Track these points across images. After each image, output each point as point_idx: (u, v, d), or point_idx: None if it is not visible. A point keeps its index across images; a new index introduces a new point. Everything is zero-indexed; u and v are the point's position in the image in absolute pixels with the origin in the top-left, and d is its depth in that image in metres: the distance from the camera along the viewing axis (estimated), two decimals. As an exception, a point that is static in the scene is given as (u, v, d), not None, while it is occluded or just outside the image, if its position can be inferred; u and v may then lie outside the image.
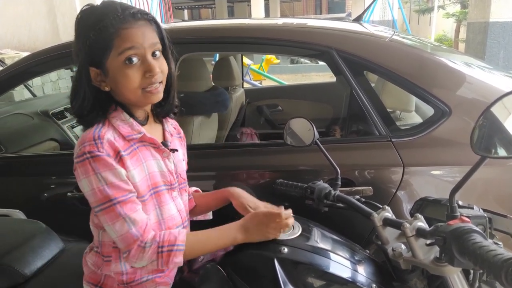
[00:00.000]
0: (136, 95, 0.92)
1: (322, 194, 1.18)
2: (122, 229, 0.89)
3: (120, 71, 0.89)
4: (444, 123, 1.43)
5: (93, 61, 0.90)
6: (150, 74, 0.90)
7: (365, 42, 1.59)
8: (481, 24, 5.72)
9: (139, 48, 0.89)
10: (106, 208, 0.88)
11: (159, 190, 1.00)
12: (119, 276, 0.99)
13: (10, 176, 1.71)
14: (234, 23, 2.04)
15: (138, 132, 0.96)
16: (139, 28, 0.89)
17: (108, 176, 0.88)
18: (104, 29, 0.87)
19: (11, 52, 6.32)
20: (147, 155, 0.99)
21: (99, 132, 0.90)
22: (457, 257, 0.74)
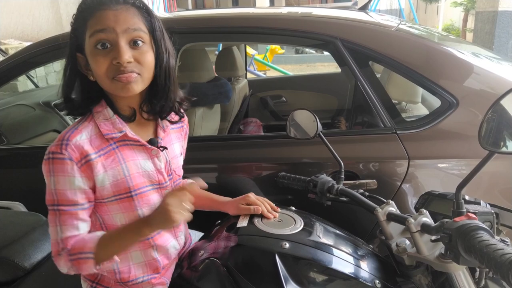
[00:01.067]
0: (105, 84, 0.87)
1: (325, 187, 1.16)
2: (53, 235, 0.89)
3: (91, 56, 0.85)
4: (451, 115, 1.40)
5: (80, 46, 0.87)
6: (116, 61, 0.83)
7: (371, 32, 1.55)
8: (490, 13, 5.61)
9: (111, 32, 0.83)
10: (50, 210, 0.88)
11: (143, 191, 0.95)
12: (113, 274, 0.98)
13: (11, 168, 1.70)
14: (237, 13, 2.01)
15: (119, 131, 0.91)
16: (116, 11, 0.84)
17: (59, 181, 0.86)
18: (83, 10, 0.85)
19: (15, 42, 6.31)
20: (129, 154, 0.93)
21: (74, 130, 0.88)
22: (462, 255, 0.72)
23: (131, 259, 0.98)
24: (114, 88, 0.87)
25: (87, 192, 0.89)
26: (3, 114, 2.28)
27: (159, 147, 0.97)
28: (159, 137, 0.99)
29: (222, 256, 0.94)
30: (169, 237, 1.03)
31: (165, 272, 1.03)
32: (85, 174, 0.88)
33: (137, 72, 0.86)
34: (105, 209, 0.93)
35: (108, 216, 0.94)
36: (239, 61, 2.72)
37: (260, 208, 1.04)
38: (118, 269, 0.97)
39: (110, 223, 0.95)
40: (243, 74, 2.95)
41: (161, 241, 1.00)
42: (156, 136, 0.99)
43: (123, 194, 0.92)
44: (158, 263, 1.00)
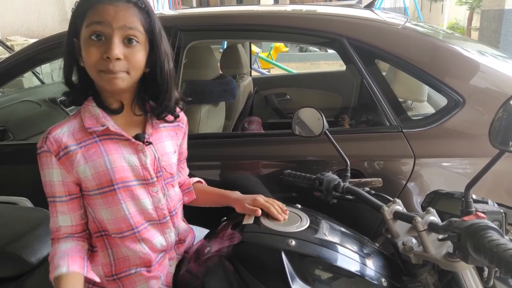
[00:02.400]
0: (93, 74, 0.89)
1: (331, 185, 1.16)
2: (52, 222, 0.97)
3: (84, 45, 0.88)
4: (457, 114, 1.40)
5: (76, 32, 0.90)
6: (105, 55, 0.85)
7: (377, 30, 1.54)
8: (496, 11, 5.57)
9: (106, 26, 0.85)
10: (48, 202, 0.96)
11: (128, 186, 0.96)
12: (108, 267, 0.99)
13: (18, 164, 1.71)
14: (243, 10, 2.00)
15: (101, 125, 0.93)
16: (116, 7, 0.86)
17: (44, 174, 0.94)
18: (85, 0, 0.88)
19: (20, 39, 6.34)
20: (113, 148, 0.95)
21: (54, 126, 0.94)
22: (471, 254, 0.71)
23: (126, 252, 1.00)
24: (100, 80, 0.89)
25: (67, 185, 0.93)
26: (9, 110, 2.29)
27: (145, 143, 0.98)
28: (146, 132, 0.99)
29: (228, 253, 0.94)
30: (155, 232, 1.03)
31: (158, 267, 1.04)
32: (63, 166, 0.92)
33: (124, 71, 0.88)
34: (93, 202, 0.96)
35: (96, 209, 0.97)
36: (244, 59, 2.71)
37: (259, 212, 1.03)
38: (114, 260, 1.00)
39: (99, 217, 0.98)
40: (247, 72, 2.95)
41: (147, 235, 1.01)
42: (144, 131, 1.00)
43: (106, 187, 0.94)
44: (150, 256, 1.01)
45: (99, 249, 1.00)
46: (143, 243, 1.00)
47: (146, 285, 1.01)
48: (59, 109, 2.45)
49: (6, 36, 6.44)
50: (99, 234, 0.99)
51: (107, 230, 0.98)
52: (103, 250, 1.00)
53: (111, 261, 1.00)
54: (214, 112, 2.16)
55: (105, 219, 0.96)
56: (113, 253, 0.99)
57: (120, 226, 0.97)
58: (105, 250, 1.00)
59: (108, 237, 0.99)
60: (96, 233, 0.99)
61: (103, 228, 0.99)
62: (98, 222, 0.98)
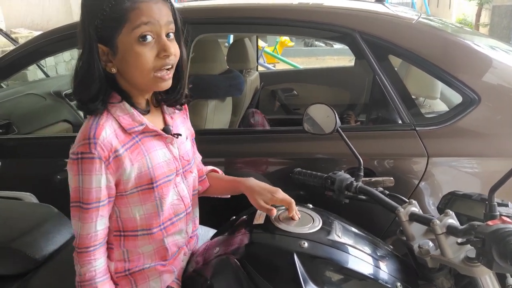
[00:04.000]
0: (146, 78, 0.87)
1: (343, 185, 1.13)
2: (74, 226, 0.90)
3: (131, 49, 0.83)
4: (472, 112, 1.36)
5: (102, 37, 0.83)
6: (165, 53, 0.85)
7: (391, 24, 1.51)
8: (508, 7, 5.50)
9: (155, 25, 0.83)
10: (74, 205, 0.88)
11: (164, 181, 0.95)
12: (121, 263, 0.97)
13: (22, 158, 1.69)
14: (251, 3, 1.96)
15: (140, 124, 0.91)
16: (156, 3, 0.84)
17: (86, 180, 0.85)
18: (120, 1, 0.81)
19: (25, 31, 6.32)
20: (151, 146, 0.94)
21: (96, 127, 0.85)
22: (496, 261, 0.68)
23: (141, 250, 0.98)
24: (152, 83, 0.88)
25: (110, 188, 0.89)
26: (14, 104, 2.27)
27: (173, 135, 0.98)
28: (169, 125, 1.00)
29: (238, 253, 0.92)
30: (181, 225, 1.02)
31: (173, 261, 1.02)
32: (110, 171, 0.87)
33: (171, 66, 0.89)
34: (125, 201, 0.93)
35: (126, 208, 0.94)
36: (251, 53, 2.67)
37: (274, 212, 0.98)
38: (128, 258, 0.98)
39: (127, 217, 0.95)
40: (254, 67, 2.91)
41: (173, 230, 1.00)
42: (165, 124, 1.00)
43: (145, 185, 0.92)
44: (167, 251, 1.00)
45: (115, 247, 0.97)
46: (167, 240, 0.99)
47: (160, 279, 1.00)
48: (64, 103, 2.43)
49: (11, 28, 6.42)
50: (118, 233, 0.96)
51: (133, 229, 0.96)
52: (118, 249, 0.97)
53: (125, 258, 0.98)
54: (221, 108, 2.13)
55: (136, 216, 0.94)
56: (128, 252, 0.98)
57: (150, 223, 0.96)
58: (120, 248, 0.97)
59: (125, 238, 0.96)
60: (115, 231, 0.96)
61: (124, 229, 0.96)
62: (122, 222, 0.95)
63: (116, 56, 0.85)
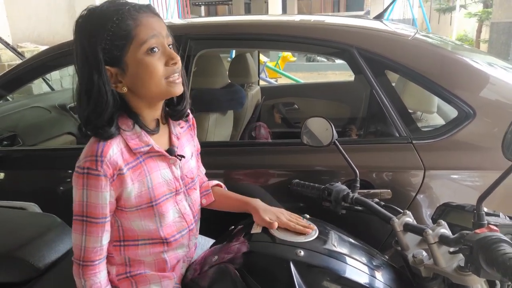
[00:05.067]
0: (160, 86, 0.89)
1: (340, 196, 1.15)
2: (76, 240, 0.91)
3: (142, 63, 0.86)
4: (468, 126, 1.39)
5: (109, 59, 0.85)
6: (173, 61, 0.89)
7: (388, 41, 1.55)
8: (506, 24, 5.56)
9: (159, 37, 0.87)
10: (77, 219, 0.90)
11: (162, 200, 0.97)
12: (123, 267, 1.00)
13: (27, 169, 1.72)
14: (252, 19, 2.02)
15: (146, 144, 0.93)
16: (153, 17, 0.88)
17: (91, 196, 0.87)
18: (122, 20, 0.83)
19: (31, 45, 6.43)
20: (153, 166, 0.96)
21: (104, 144, 0.87)
22: (484, 268, 0.70)
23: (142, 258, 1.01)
24: (167, 89, 0.90)
25: (112, 204, 0.92)
26: (19, 116, 2.31)
27: (177, 156, 1.00)
28: (174, 146, 1.01)
29: (236, 262, 0.94)
30: (185, 241, 1.05)
31: (172, 269, 1.05)
32: (114, 188, 0.90)
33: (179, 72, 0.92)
34: (125, 215, 0.96)
35: (127, 221, 0.97)
36: (252, 68, 2.72)
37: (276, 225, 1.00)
38: (129, 263, 1.00)
39: (128, 227, 0.97)
40: (256, 81, 2.96)
41: (174, 246, 1.02)
42: (171, 144, 1.01)
43: (145, 204, 0.95)
44: (166, 263, 1.02)
45: (115, 255, 1.00)
46: (166, 253, 1.02)
47: (160, 284, 1.02)
48: (68, 115, 2.47)
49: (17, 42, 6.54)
50: (118, 243, 0.99)
51: (134, 239, 0.98)
52: (119, 256, 1.00)
53: (126, 262, 1.00)
54: (222, 121, 2.17)
55: (136, 228, 0.97)
56: (129, 259, 1.00)
57: (151, 235, 0.98)
58: (120, 255, 1.00)
59: (125, 248, 0.99)
60: (116, 241, 0.98)
61: (125, 238, 0.98)
62: (123, 231, 0.98)
63: (126, 74, 0.87)
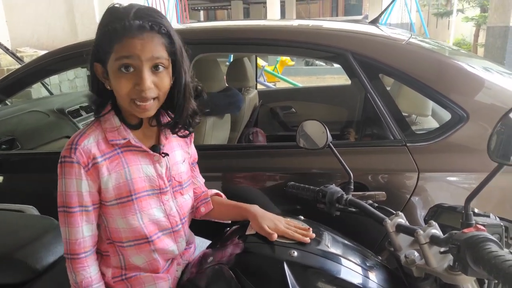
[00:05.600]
0: (125, 103, 0.92)
1: (334, 198, 1.17)
2: (63, 234, 0.96)
3: (114, 76, 0.90)
4: (461, 129, 1.40)
5: (99, 58, 0.92)
6: (138, 87, 0.89)
7: (382, 45, 1.57)
8: (501, 28, 5.61)
9: (135, 60, 0.88)
10: (60, 211, 0.95)
11: (143, 195, 0.99)
12: (118, 269, 1.01)
13: (25, 173, 1.74)
14: (248, 24, 2.04)
15: (123, 138, 0.96)
16: (142, 39, 0.87)
17: (68, 184, 0.92)
18: (111, 32, 0.87)
19: (30, 50, 6.45)
20: (133, 160, 0.98)
21: (81, 135, 0.94)
22: (471, 266, 0.72)
23: (133, 260, 1.02)
24: (131, 110, 0.93)
25: (93, 195, 0.95)
26: (18, 120, 2.33)
27: (161, 154, 1.02)
28: (161, 144, 1.03)
29: (231, 263, 0.95)
30: (169, 242, 1.06)
31: (167, 271, 1.07)
32: (91, 178, 0.93)
33: (154, 97, 0.92)
34: (109, 211, 0.98)
35: (111, 219, 0.99)
36: (249, 72, 2.75)
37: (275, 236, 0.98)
38: (125, 265, 1.02)
39: (113, 226, 0.99)
40: (253, 85, 2.98)
41: (161, 245, 1.03)
42: (158, 142, 1.04)
43: (124, 197, 0.97)
44: (158, 263, 1.04)
45: (111, 254, 1.02)
46: (156, 253, 1.03)
47: (155, 286, 1.03)
48: (67, 120, 2.48)
49: (17, 47, 6.57)
50: (109, 241, 1.02)
51: (119, 240, 1.00)
52: (115, 256, 1.02)
53: (121, 265, 1.02)
54: (220, 124, 2.19)
55: (120, 228, 0.99)
56: (125, 259, 1.02)
57: (135, 235, 1.00)
58: (117, 255, 1.02)
59: (118, 246, 1.01)
60: (107, 240, 1.02)
61: (113, 239, 1.01)
62: (110, 232, 1.00)
63: (107, 77, 0.93)
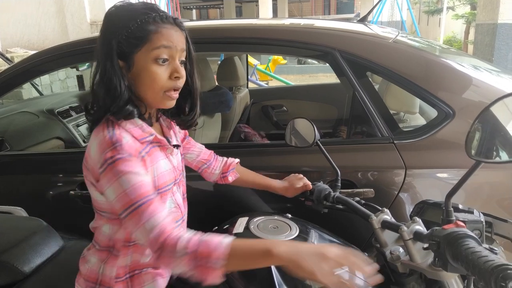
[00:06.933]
0: (156, 96, 0.93)
1: (321, 195, 1.18)
2: (143, 235, 0.84)
3: (147, 68, 0.90)
4: (447, 126, 1.42)
5: (121, 52, 0.90)
6: (177, 75, 0.92)
7: (368, 43, 1.58)
8: (490, 25, 5.65)
9: (172, 49, 0.91)
10: (129, 213, 0.84)
11: (165, 190, 0.99)
12: (123, 269, 1.00)
13: (15, 174, 1.73)
14: (237, 23, 2.04)
15: (150, 134, 0.96)
16: (175, 31, 0.92)
17: (130, 179, 0.84)
18: (145, 22, 0.89)
19: (20, 51, 6.40)
20: (156, 156, 0.98)
21: (113, 135, 0.87)
22: (450, 262, 0.73)
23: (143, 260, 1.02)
24: (160, 101, 0.95)
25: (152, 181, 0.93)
26: (7, 121, 2.31)
27: (173, 146, 1.05)
28: (168, 136, 1.06)
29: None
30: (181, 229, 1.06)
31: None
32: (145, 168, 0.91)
33: (179, 88, 0.96)
34: None
35: None
36: (240, 71, 2.75)
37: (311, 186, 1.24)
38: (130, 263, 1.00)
39: None
40: (244, 84, 2.98)
41: None
42: (164, 135, 1.06)
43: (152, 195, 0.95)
44: None
45: (122, 255, 0.99)
46: None
47: (153, 284, 1.03)
48: (57, 120, 2.47)
49: (7, 48, 6.52)
50: (127, 243, 0.99)
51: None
52: (125, 256, 1.00)
53: (127, 264, 1.01)
54: (210, 123, 2.19)
55: None
56: (132, 259, 1.00)
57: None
58: (127, 256, 1.00)
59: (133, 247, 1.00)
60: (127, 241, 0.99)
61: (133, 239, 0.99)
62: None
63: (130, 71, 0.91)
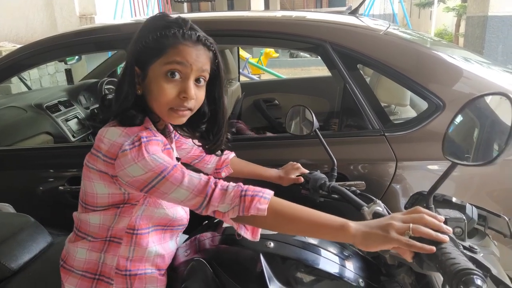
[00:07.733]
0: (162, 111, 0.92)
1: (317, 184, 1.18)
2: (191, 182, 0.85)
3: (157, 81, 0.89)
4: (437, 118, 1.42)
5: (139, 60, 0.91)
6: (184, 95, 0.90)
7: (359, 36, 1.57)
8: (480, 18, 5.68)
9: (186, 67, 0.89)
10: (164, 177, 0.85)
11: None
12: (124, 260, 0.97)
13: (2, 170, 1.70)
14: (228, 16, 2.02)
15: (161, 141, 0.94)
16: (196, 49, 0.90)
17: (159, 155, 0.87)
18: (165, 36, 0.88)
19: (9, 45, 6.29)
20: None
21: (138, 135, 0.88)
22: (426, 261, 0.73)
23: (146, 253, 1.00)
24: (167, 116, 0.93)
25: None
26: (-6, 116, 2.27)
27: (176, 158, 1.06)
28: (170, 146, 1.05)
29: (207, 256, 0.95)
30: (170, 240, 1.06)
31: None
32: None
33: (190, 108, 0.93)
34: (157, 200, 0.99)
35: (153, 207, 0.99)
36: (231, 64, 2.73)
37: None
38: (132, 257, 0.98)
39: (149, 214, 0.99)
40: (235, 77, 2.96)
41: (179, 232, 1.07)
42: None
43: None
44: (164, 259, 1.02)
45: (124, 243, 0.98)
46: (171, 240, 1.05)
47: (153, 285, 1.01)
48: (45, 115, 2.42)
49: (-5, 42, 6.40)
50: (130, 231, 0.97)
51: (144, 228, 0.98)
52: (127, 245, 0.98)
53: (129, 256, 0.98)
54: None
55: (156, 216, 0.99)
56: (134, 250, 0.98)
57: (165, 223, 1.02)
58: (129, 245, 0.98)
59: (137, 236, 0.98)
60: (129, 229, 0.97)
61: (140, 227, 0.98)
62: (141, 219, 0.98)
63: (144, 81, 0.91)
